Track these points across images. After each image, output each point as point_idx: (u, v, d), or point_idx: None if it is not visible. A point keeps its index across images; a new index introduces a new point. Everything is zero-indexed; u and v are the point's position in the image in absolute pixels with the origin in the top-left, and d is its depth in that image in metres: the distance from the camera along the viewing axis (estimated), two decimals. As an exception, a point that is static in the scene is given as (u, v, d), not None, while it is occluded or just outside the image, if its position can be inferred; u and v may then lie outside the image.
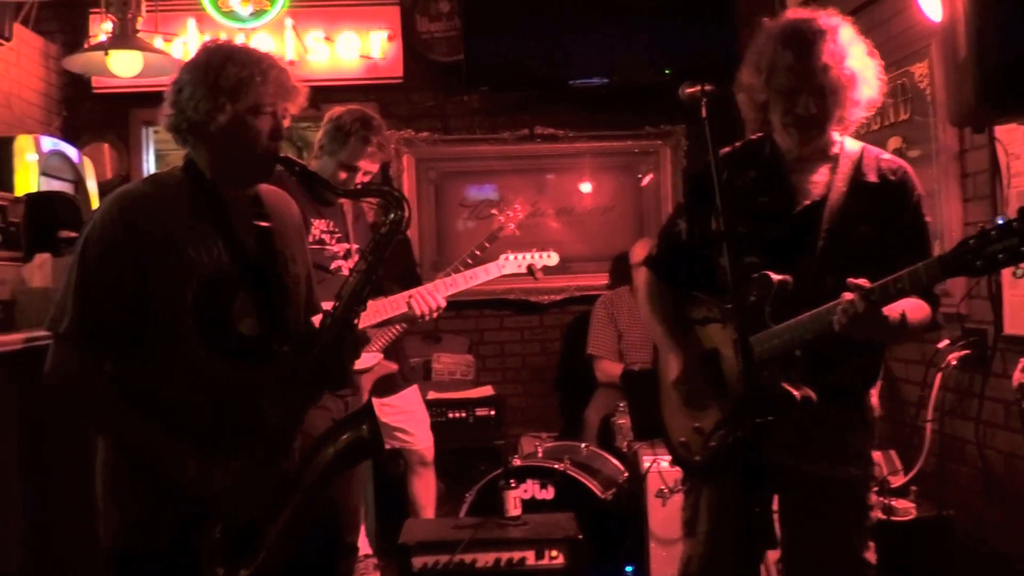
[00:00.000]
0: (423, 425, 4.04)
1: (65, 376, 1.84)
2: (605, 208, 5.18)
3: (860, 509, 2.16)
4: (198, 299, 1.85)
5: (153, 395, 1.85)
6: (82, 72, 4.34)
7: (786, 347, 1.98)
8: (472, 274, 3.51)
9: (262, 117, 1.88)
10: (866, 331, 1.85)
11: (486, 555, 2.99)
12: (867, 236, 2.05)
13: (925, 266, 1.73)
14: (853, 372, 2.12)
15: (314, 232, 2.94)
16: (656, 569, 3.29)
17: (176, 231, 1.86)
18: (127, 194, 1.91)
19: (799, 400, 1.97)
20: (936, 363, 3.14)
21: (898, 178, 2.10)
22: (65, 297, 1.85)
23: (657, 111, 5.05)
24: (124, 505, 1.88)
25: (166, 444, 1.82)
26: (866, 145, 2.17)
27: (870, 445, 2.17)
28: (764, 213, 2.11)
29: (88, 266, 1.84)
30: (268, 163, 1.93)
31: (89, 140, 4.84)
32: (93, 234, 1.85)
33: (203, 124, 1.87)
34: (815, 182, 2.12)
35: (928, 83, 3.17)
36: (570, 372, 5.02)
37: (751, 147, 2.21)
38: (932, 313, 2.05)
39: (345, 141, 2.92)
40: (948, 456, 3.17)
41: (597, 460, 3.84)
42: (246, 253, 1.93)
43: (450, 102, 5.08)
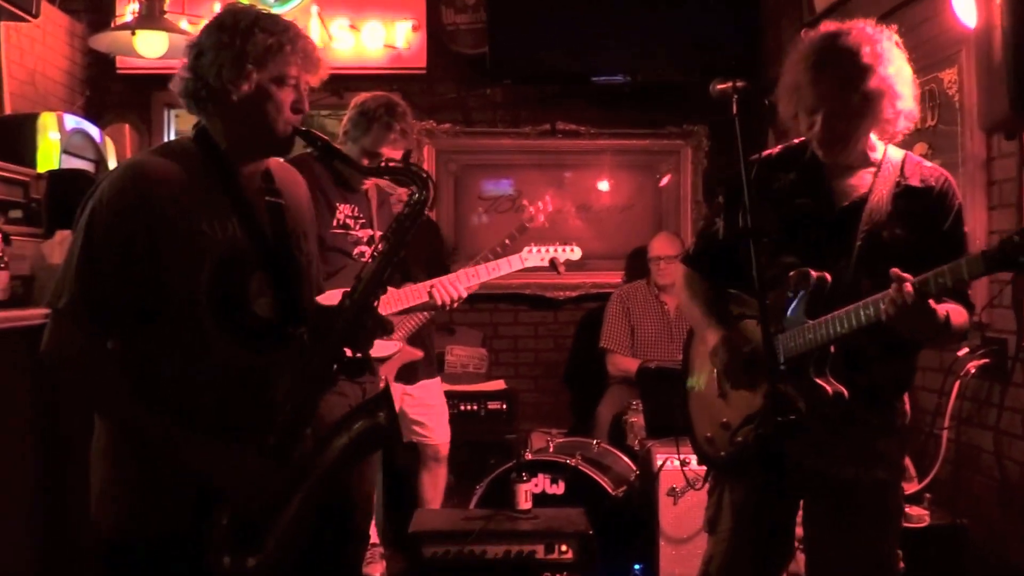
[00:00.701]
0: (442, 419, 4.04)
1: (64, 355, 1.73)
2: (624, 206, 5.17)
3: (889, 513, 2.15)
4: (213, 277, 1.76)
5: (160, 377, 1.76)
6: (108, 51, 4.35)
7: (821, 342, 1.97)
8: (495, 266, 3.51)
9: (286, 88, 1.80)
10: (912, 324, 1.83)
11: (496, 547, 3.00)
12: (905, 240, 2.04)
13: (968, 260, 1.72)
14: (887, 374, 2.10)
15: (339, 216, 2.94)
16: (666, 568, 3.28)
17: (190, 204, 1.76)
18: (139, 163, 1.81)
19: (831, 395, 1.96)
20: (954, 371, 3.11)
21: (940, 186, 2.09)
22: (67, 270, 1.73)
23: (679, 110, 5.04)
24: (128, 492, 1.79)
25: (174, 429, 1.73)
26: (909, 153, 2.16)
27: (901, 450, 2.16)
28: (803, 214, 2.11)
29: (95, 237, 1.71)
30: (289, 136, 1.83)
31: (111, 120, 4.85)
32: (102, 204, 1.73)
33: (224, 92, 1.77)
34: (856, 185, 2.11)
35: (957, 90, 3.15)
36: (583, 369, 5.02)
37: (792, 151, 2.21)
38: (968, 321, 2.04)
39: (368, 127, 2.91)
40: (963, 464, 3.14)
41: (608, 457, 3.84)
42: (262, 230, 1.84)
43: (472, 95, 5.07)
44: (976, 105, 2.98)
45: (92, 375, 1.74)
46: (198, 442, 1.74)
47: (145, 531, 1.77)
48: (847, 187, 2.11)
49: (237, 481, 1.75)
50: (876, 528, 2.13)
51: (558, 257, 3.69)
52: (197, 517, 1.74)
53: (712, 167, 5.04)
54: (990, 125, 2.35)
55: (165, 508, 1.76)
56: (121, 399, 1.73)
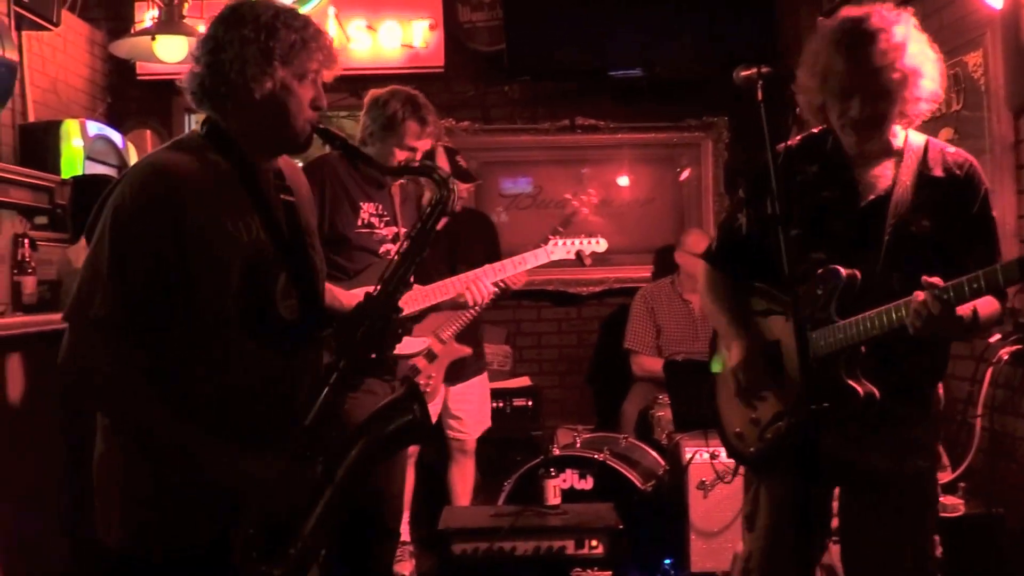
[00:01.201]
0: (479, 416, 4.10)
1: (97, 366, 1.64)
2: (645, 200, 5.14)
3: (926, 501, 2.13)
4: (242, 280, 1.69)
5: (185, 383, 1.69)
6: (128, 57, 4.37)
7: (852, 342, 1.95)
8: (521, 259, 3.50)
9: (306, 85, 1.75)
10: (939, 331, 1.82)
11: (526, 543, 2.99)
12: (933, 231, 2.01)
13: (1003, 267, 1.70)
14: (919, 367, 2.08)
15: (363, 216, 2.93)
16: (697, 561, 3.26)
17: (213, 204, 1.69)
18: (158, 161, 1.73)
19: (863, 396, 1.94)
20: (987, 358, 3.07)
21: (964, 172, 2.05)
22: (93, 277, 1.64)
23: (698, 103, 5.00)
24: (142, 507, 1.71)
25: (201, 439, 1.66)
26: (931, 138, 2.12)
27: (936, 438, 2.14)
28: (828, 208, 2.08)
29: (122, 241, 1.63)
30: (307, 134, 1.79)
31: (133, 126, 4.88)
32: (125, 206, 1.65)
33: (247, 89, 1.71)
34: (880, 176, 2.07)
35: (982, 73, 3.11)
36: (607, 365, 5.00)
37: (813, 141, 2.18)
38: (1001, 309, 2.00)
39: (401, 123, 2.87)
40: (998, 453, 3.10)
41: (636, 452, 3.82)
42: (282, 230, 1.79)
43: (491, 92, 5.06)
44: (1003, 87, 2.94)
45: (123, 386, 1.65)
46: (225, 452, 1.68)
47: (160, 546, 1.71)
48: (871, 178, 2.07)
49: (265, 490, 1.69)
50: (914, 517, 2.11)
51: (584, 249, 3.68)
52: (214, 531, 1.68)
53: (733, 159, 5.00)
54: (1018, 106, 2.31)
55: (181, 522, 1.70)
56: (150, 410, 1.66)
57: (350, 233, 2.89)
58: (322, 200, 2.86)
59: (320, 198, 2.85)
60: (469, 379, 4.06)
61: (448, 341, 3.77)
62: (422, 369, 3.68)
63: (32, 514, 2.67)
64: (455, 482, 4.14)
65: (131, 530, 1.72)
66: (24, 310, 2.89)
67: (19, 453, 2.63)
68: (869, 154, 2.08)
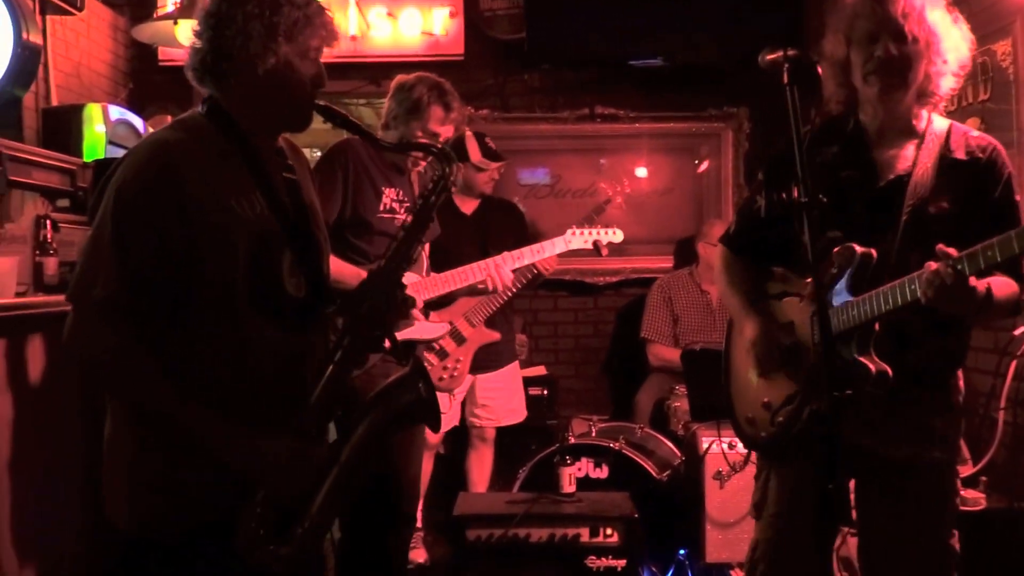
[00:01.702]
0: (510, 405, 4.13)
1: (102, 348, 1.63)
2: (664, 190, 5.11)
3: (945, 494, 2.10)
4: (248, 257, 1.68)
5: (193, 363, 1.67)
6: (150, 42, 4.39)
7: (865, 319, 1.92)
8: (539, 247, 3.52)
9: (308, 61, 1.75)
10: (951, 303, 1.78)
11: (540, 530, 2.98)
12: (953, 213, 1.99)
13: (1018, 233, 1.66)
14: (937, 352, 2.05)
15: (385, 201, 2.94)
16: (712, 552, 3.25)
17: (216, 181, 1.68)
18: (160, 141, 1.71)
19: (874, 374, 1.91)
20: (1010, 351, 3.03)
21: (987, 156, 2.02)
22: (95, 259, 1.62)
23: (720, 93, 4.97)
24: (152, 488, 1.70)
25: (210, 419, 1.66)
26: (954, 122, 2.10)
27: (956, 429, 2.10)
28: (847, 188, 2.06)
29: (126, 221, 1.61)
30: (308, 111, 1.80)
31: (154, 112, 4.88)
32: (128, 186, 1.63)
33: (250, 65, 1.70)
34: (900, 157, 2.06)
35: (1011, 62, 3.06)
36: (623, 355, 4.98)
37: (834, 123, 2.16)
38: (1019, 293, 1.97)
39: (426, 108, 2.90)
40: (1020, 447, 3.06)
41: (651, 441, 3.81)
42: (285, 207, 1.78)
43: (510, 80, 5.05)
44: (1033, 76, 2.90)
45: (131, 368, 1.64)
46: (234, 432, 1.67)
47: (170, 527, 1.70)
48: (891, 159, 2.06)
49: (274, 470, 1.68)
50: (933, 509, 2.08)
51: (601, 240, 3.69)
52: (223, 512, 1.68)
53: (754, 150, 4.96)
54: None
55: (191, 503, 1.69)
56: (160, 392, 1.65)
57: (372, 218, 2.91)
58: (345, 184, 2.89)
59: (344, 182, 2.89)
60: (500, 368, 4.06)
61: (478, 325, 3.77)
62: (451, 352, 3.68)
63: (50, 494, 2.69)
64: (472, 469, 4.15)
65: (140, 512, 1.72)
66: (45, 290, 2.91)
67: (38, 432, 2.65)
68: (890, 133, 2.06)
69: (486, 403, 4.07)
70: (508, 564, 2.95)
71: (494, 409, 4.09)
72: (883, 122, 2.07)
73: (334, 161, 2.92)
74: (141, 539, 1.72)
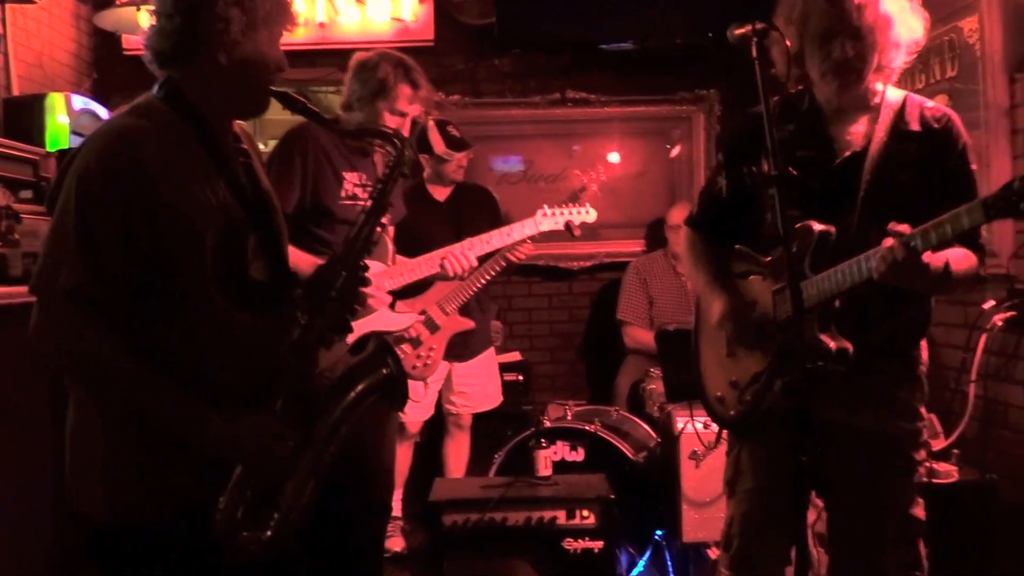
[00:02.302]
0: (486, 391, 4.11)
1: (70, 337, 1.60)
2: (636, 174, 5.10)
3: (909, 465, 2.11)
4: (216, 244, 1.67)
5: (162, 350, 1.65)
6: (113, 29, 4.32)
7: (824, 296, 1.92)
8: (508, 230, 3.47)
9: (275, 48, 1.76)
10: (906, 280, 1.79)
11: (516, 514, 2.97)
12: (910, 186, 1.99)
13: (968, 209, 1.67)
14: (899, 326, 2.06)
15: (347, 187, 2.84)
16: (689, 532, 3.25)
17: (179, 170, 1.66)
18: (122, 127, 1.67)
19: (834, 351, 1.92)
20: (980, 326, 3.06)
21: (942, 126, 2.03)
22: (58, 247, 1.59)
23: (690, 76, 4.97)
24: (124, 476, 1.67)
25: (186, 405, 1.64)
26: (909, 94, 2.10)
27: (920, 400, 2.11)
28: (804, 166, 2.05)
29: (90, 210, 1.58)
30: (267, 97, 1.79)
31: (119, 102, 4.72)
32: (91, 175, 1.60)
33: (223, 50, 1.68)
34: (856, 133, 2.06)
35: (978, 38, 3.08)
36: (599, 340, 4.98)
37: (790, 101, 2.16)
38: (978, 265, 1.98)
39: (393, 87, 2.77)
40: (991, 420, 3.10)
41: (627, 424, 3.81)
42: (246, 192, 1.77)
43: (481, 66, 5.01)
44: (999, 51, 2.92)
45: (100, 357, 1.61)
46: (208, 415, 1.65)
47: (147, 515, 1.68)
48: (847, 135, 2.06)
49: (254, 448, 1.67)
50: (897, 479, 2.10)
51: (573, 220, 3.65)
52: (200, 498, 1.66)
53: (725, 132, 4.97)
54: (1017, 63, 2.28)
55: (167, 490, 1.67)
56: (132, 380, 1.62)
57: (334, 206, 2.81)
58: (304, 170, 2.78)
59: (303, 168, 2.78)
60: (476, 356, 4.05)
61: (452, 313, 3.74)
62: (424, 341, 3.65)
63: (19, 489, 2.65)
64: (449, 456, 4.14)
65: (116, 501, 1.69)
66: (9, 282, 2.85)
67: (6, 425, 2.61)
68: (846, 109, 2.07)
69: (463, 390, 4.06)
70: (485, 548, 2.94)
71: (470, 396, 4.08)
72: (839, 103, 2.07)
73: (292, 147, 2.81)
74: (116, 529, 1.69)
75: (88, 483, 1.71)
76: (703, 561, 3.26)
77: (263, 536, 1.69)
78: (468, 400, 4.08)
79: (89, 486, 1.71)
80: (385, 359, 1.86)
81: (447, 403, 4.08)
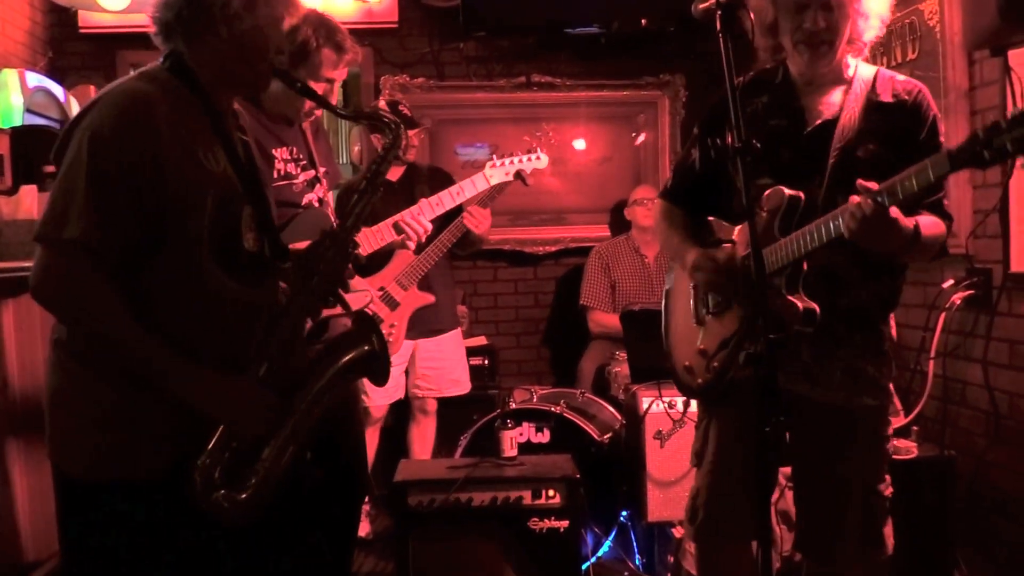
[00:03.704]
0: (448, 376, 4.03)
1: (72, 284, 1.63)
2: (602, 159, 5.11)
3: (876, 440, 2.13)
4: (215, 210, 1.72)
5: (154, 314, 1.68)
6: (70, 5, 4.22)
7: (792, 258, 1.94)
8: (458, 189, 3.43)
9: (277, 29, 1.82)
10: (876, 236, 1.80)
11: (482, 494, 2.95)
12: (880, 155, 2.01)
13: (933, 160, 1.68)
14: (869, 295, 2.08)
15: (278, 166, 2.63)
16: (654, 511, 3.26)
17: (185, 134, 1.71)
18: (135, 89, 1.72)
19: (802, 312, 1.93)
20: (939, 305, 3.10)
21: (913, 98, 2.06)
22: (67, 198, 1.62)
23: (656, 60, 4.98)
24: (103, 430, 1.71)
25: (178, 360, 1.68)
26: (881, 68, 2.14)
27: (888, 375, 2.13)
28: (775, 135, 2.07)
29: (101, 163, 1.63)
30: (268, 76, 1.87)
31: (76, 81, 4.70)
32: (103, 130, 1.64)
33: (226, 23, 1.75)
34: (827, 103, 2.09)
35: (938, 20, 3.11)
36: (564, 325, 4.98)
37: (763, 75, 2.19)
38: (946, 233, 2.01)
39: (316, 51, 2.56)
40: (949, 399, 3.14)
41: (593, 406, 3.81)
42: (243, 165, 1.83)
43: (445, 49, 4.98)
44: (959, 30, 2.95)
45: (103, 305, 1.64)
46: (197, 371, 1.70)
47: (121, 470, 1.70)
48: (819, 105, 2.09)
49: (239, 406, 1.72)
50: (865, 454, 2.12)
51: (524, 168, 3.60)
52: (177, 456, 1.70)
53: (690, 117, 4.98)
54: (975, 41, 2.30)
55: (144, 445, 1.71)
56: (129, 330, 1.65)
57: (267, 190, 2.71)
58: None
59: None
60: (442, 334, 3.99)
61: (410, 288, 3.70)
62: (384, 318, 3.61)
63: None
64: (414, 442, 4.11)
65: (93, 457, 1.72)
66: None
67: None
68: (818, 81, 2.09)
69: (427, 372, 4.01)
70: (451, 528, 2.92)
71: (435, 380, 4.03)
72: (811, 74, 2.09)
73: None
74: (95, 485, 1.72)
75: (68, 441, 1.75)
76: (668, 540, 3.27)
77: (239, 497, 1.72)
78: (432, 383, 4.03)
79: (69, 444, 1.74)
80: (369, 335, 1.89)
81: (412, 387, 4.04)
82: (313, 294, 1.86)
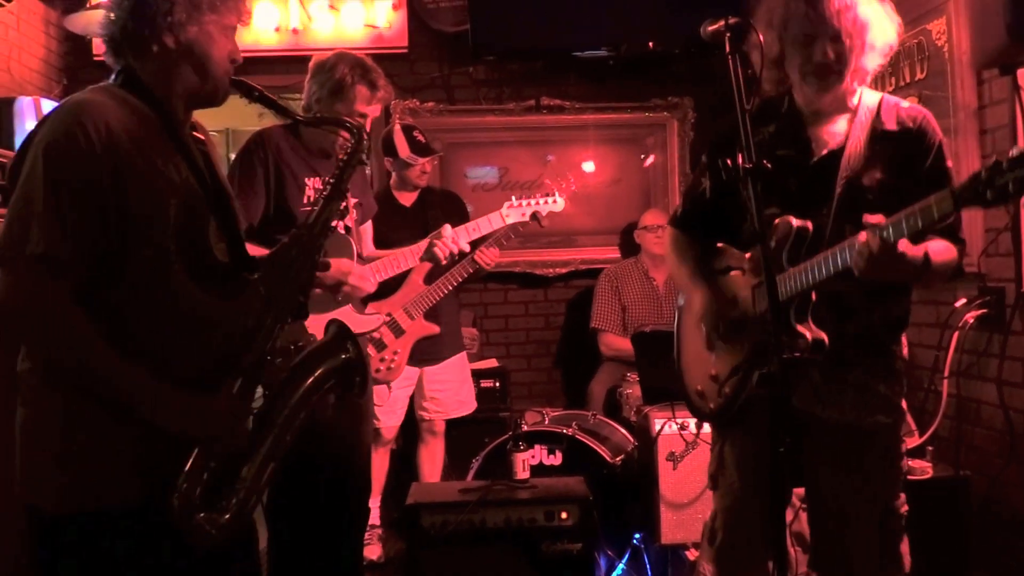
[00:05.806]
0: (459, 397, 4.07)
1: (36, 302, 1.58)
2: (611, 181, 5.12)
3: (889, 458, 2.12)
4: (179, 221, 1.68)
5: (124, 326, 1.64)
6: (83, 32, 4.28)
7: (801, 289, 1.94)
8: (475, 225, 3.49)
9: (228, 36, 1.78)
10: (885, 270, 1.81)
11: (495, 516, 2.94)
12: (886, 184, 2.02)
13: (937, 198, 1.69)
14: (878, 319, 2.08)
15: (308, 193, 2.79)
16: (667, 533, 3.24)
17: (143, 145, 1.67)
18: (88, 100, 1.68)
19: (810, 342, 1.93)
20: (952, 324, 3.09)
21: (917, 125, 2.07)
22: (25, 214, 1.57)
23: (664, 83, 5.00)
24: (77, 462, 1.65)
25: (146, 379, 1.63)
26: (885, 95, 2.15)
27: (899, 392, 2.13)
28: (782, 164, 2.08)
29: (59, 174, 1.58)
30: (225, 86, 1.82)
31: (90, 108, 4.76)
32: (57, 143, 1.60)
33: (171, 33, 1.71)
34: (833, 133, 2.10)
35: (946, 40, 3.13)
36: (575, 346, 4.98)
37: (770, 104, 2.19)
38: (957, 257, 2.01)
39: (351, 88, 2.74)
40: (963, 418, 3.12)
41: (605, 428, 3.80)
42: (204, 176, 1.78)
43: (455, 73, 5.02)
44: (966, 52, 2.96)
45: (66, 326, 1.60)
46: (169, 393, 1.65)
47: (96, 502, 1.65)
48: (825, 135, 2.10)
49: (213, 424, 1.67)
50: (878, 473, 2.11)
51: (540, 210, 3.65)
52: (152, 481, 1.65)
53: (699, 139, 5.00)
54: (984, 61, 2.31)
55: (119, 476, 1.65)
56: (96, 352, 1.61)
57: (297, 212, 2.76)
58: (267, 178, 2.76)
59: (264, 177, 2.76)
60: (445, 360, 4.02)
61: (418, 317, 3.72)
62: (388, 344, 3.63)
63: None
64: (423, 463, 4.11)
65: (65, 489, 1.66)
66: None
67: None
68: (824, 111, 2.10)
69: (434, 396, 4.03)
70: (463, 551, 2.91)
71: (442, 401, 4.05)
72: (818, 104, 2.10)
73: (253, 155, 2.78)
74: (68, 518, 1.66)
75: (40, 473, 1.69)
76: (681, 563, 3.25)
77: (220, 519, 1.67)
78: (440, 406, 4.06)
79: (41, 476, 1.69)
80: (345, 344, 1.85)
81: (420, 409, 4.05)
82: (282, 304, 1.81)
